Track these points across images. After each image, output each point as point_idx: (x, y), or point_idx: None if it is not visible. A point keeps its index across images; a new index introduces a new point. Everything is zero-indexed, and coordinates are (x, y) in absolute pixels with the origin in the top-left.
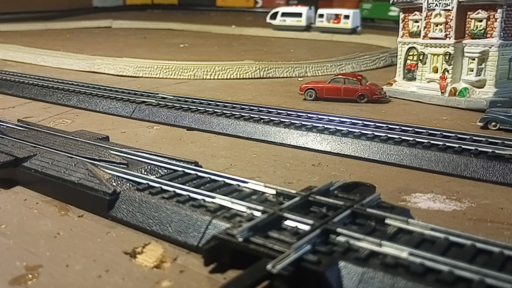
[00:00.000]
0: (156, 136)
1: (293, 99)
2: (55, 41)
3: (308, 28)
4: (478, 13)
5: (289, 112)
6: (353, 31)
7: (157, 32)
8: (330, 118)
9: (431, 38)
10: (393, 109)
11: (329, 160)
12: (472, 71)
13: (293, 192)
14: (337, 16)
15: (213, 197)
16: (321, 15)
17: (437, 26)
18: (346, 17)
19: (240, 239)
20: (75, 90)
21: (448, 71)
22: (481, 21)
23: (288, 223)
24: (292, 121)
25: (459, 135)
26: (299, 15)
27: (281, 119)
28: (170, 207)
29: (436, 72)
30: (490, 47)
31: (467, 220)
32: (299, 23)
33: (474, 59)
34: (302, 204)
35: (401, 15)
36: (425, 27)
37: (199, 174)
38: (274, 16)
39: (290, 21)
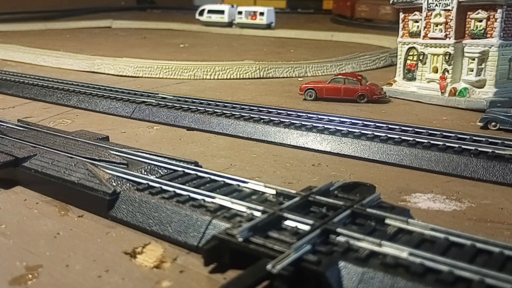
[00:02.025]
0: (156, 136)
1: (293, 99)
2: (55, 41)
3: (230, 24)
4: (478, 13)
5: (289, 112)
6: (268, 26)
7: (157, 32)
8: (330, 118)
9: (431, 38)
10: (393, 109)
11: (329, 160)
12: (472, 71)
13: (293, 192)
14: (254, 13)
15: (213, 197)
16: (240, 12)
17: (437, 26)
18: (261, 14)
19: (240, 239)
20: (75, 90)
21: (448, 71)
22: (481, 21)
23: (288, 223)
24: (292, 121)
25: (459, 135)
26: (222, 12)
27: (281, 119)
28: (170, 207)
29: (436, 72)
30: (490, 47)
31: (467, 220)
32: (222, 19)
33: (474, 59)
34: (302, 204)
35: (401, 15)
36: (425, 27)
37: (199, 174)
38: (202, 13)
39: (215, 17)
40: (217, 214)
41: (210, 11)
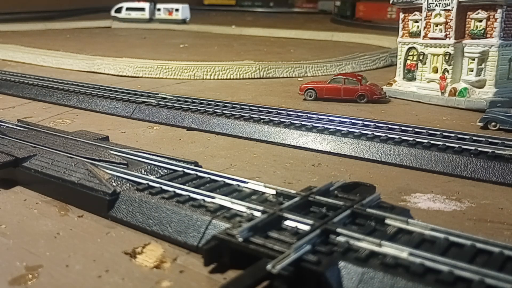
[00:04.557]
0: (156, 136)
1: (293, 99)
2: (55, 41)
3: (150, 20)
4: (478, 13)
5: (289, 112)
6: (183, 21)
7: (157, 32)
8: (330, 118)
9: (431, 38)
10: (393, 109)
11: (329, 160)
12: (472, 71)
13: (293, 192)
14: (171, 9)
15: (213, 197)
16: (159, 9)
17: (437, 26)
18: (177, 10)
19: (240, 239)
20: (75, 90)
21: (448, 71)
22: (481, 21)
23: (288, 223)
24: (292, 121)
25: (459, 135)
26: (142, 9)
27: (281, 119)
28: (170, 207)
29: (436, 72)
30: (490, 47)
31: (467, 220)
32: (143, 16)
33: (474, 59)
34: (302, 204)
35: (401, 15)
36: (425, 27)
37: (199, 174)
38: (119, 10)
39: (135, 14)
40: (217, 214)
41: (128, 9)
